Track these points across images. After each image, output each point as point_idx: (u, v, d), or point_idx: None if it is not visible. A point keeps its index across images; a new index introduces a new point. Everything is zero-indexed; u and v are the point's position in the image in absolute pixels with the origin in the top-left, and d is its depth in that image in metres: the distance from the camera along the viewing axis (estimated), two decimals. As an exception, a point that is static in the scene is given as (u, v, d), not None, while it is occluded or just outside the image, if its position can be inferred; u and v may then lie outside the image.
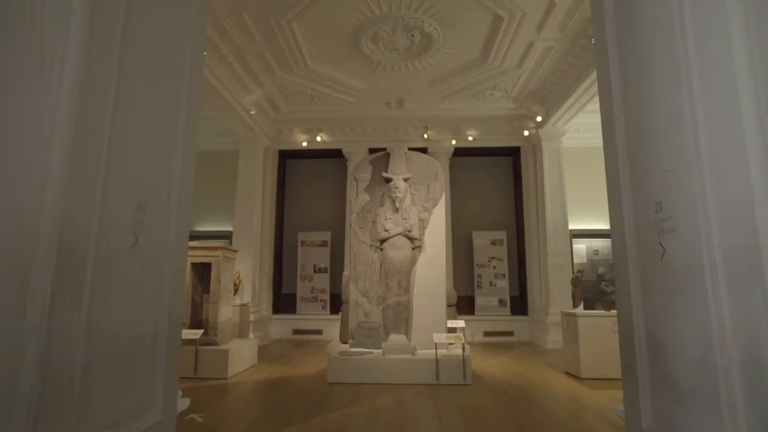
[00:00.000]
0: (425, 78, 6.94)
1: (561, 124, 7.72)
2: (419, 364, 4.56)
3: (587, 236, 8.68)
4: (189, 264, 5.20)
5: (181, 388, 4.34)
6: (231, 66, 6.34)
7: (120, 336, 1.52)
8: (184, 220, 2.00)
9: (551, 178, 7.86)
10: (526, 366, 5.63)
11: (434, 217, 5.26)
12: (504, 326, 8.16)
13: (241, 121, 7.46)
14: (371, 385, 4.41)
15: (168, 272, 1.83)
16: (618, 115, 1.82)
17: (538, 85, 7.15)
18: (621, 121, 1.82)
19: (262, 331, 7.75)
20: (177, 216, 1.92)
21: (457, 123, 8.34)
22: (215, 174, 9.23)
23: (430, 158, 5.54)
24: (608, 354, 4.72)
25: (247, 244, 7.68)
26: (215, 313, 5.08)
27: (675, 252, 1.47)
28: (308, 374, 5.08)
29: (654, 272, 1.60)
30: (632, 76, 1.76)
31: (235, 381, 4.69)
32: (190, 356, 4.73)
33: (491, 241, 8.69)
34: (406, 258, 5.02)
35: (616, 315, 1.86)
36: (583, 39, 5.67)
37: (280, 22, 5.48)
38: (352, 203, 5.35)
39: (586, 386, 4.49)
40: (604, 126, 1.97)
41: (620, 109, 1.83)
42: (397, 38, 5.81)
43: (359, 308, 5.01)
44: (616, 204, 1.86)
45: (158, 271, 1.77)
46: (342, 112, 8.11)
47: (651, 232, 1.60)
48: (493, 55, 6.24)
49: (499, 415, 3.56)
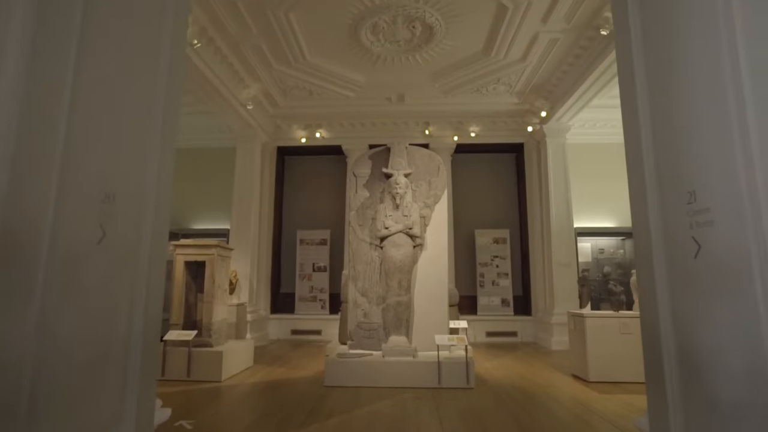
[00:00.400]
0: (427, 71, 6.76)
1: (566, 119, 7.53)
2: (420, 367, 4.39)
3: (592, 234, 8.50)
4: (182, 263, 5.03)
5: (173, 392, 4.19)
6: (226, 59, 6.16)
7: (83, 342, 1.35)
8: (163, 213, 1.82)
9: (555, 175, 7.67)
10: (530, 368, 5.45)
11: (436, 214, 5.08)
12: (507, 326, 7.99)
13: (238, 117, 7.28)
14: (370, 389, 4.23)
15: (144, 269, 1.65)
16: (642, 99, 1.64)
17: (543, 79, 6.96)
18: (645, 105, 1.64)
19: (259, 332, 7.59)
20: (155, 208, 1.74)
21: (459, 118, 8.15)
22: (212, 171, 9.07)
23: (432, 153, 5.36)
24: (617, 356, 4.55)
25: (245, 242, 7.52)
26: (209, 314, 4.91)
27: (713, 248, 1.30)
28: (306, 376, 4.91)
29: (685, 271, 1.42)
30: (660, 58, 1.59)
31: (229, 384, 4.52)
32: (182, 358, 4.57)
33: (494, 239, 8.51)
34: (407, 256, 4.84)
35: (638, 318, 1.68)
36: (589, 30, 5.48)
37: (277, 12, 5.29)
38: (351, 200, 5.17)
39: (594, 390, 4.31)
40: (626, 110, 1.80)
41: (644, 93, 1.65)
42: (397, 29, 5.62)
43: (358, 308, 4.83)
44: (638, 195, 1.68)
45: (132, 268, 1.60)
46: (341, 107, 7.92)
47: (682, 226, 1.42)
48: (496, 48, 6.05)
49: (503, 420, 3.39)
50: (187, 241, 5.27)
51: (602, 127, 8.40)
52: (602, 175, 8.59)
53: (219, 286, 5.11)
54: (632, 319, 4.67)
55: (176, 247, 5.11)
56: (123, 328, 1.53)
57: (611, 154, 8.68)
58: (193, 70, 5.68)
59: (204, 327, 4.88)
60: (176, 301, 4.96)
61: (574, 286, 7.14)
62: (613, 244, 8.67)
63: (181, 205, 9.17)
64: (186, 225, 9.06)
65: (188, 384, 4.42)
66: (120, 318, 1.53)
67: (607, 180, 8.58)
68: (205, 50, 5.66)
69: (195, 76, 5.83)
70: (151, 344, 1.70)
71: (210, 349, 4.74)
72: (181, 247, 5.09)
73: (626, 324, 4.64)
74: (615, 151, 8.67)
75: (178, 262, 5.04)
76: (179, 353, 4.59)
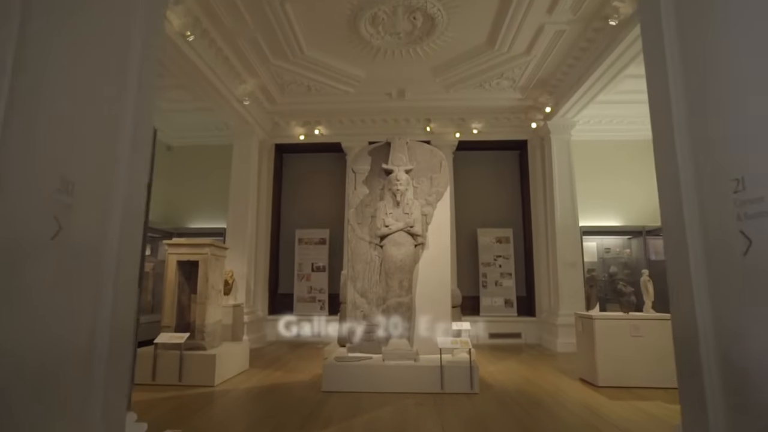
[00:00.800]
0: (428, 65, 6.56)
1: (571, 115, 7.33)
2: (422, 371, 4.20)
3: (598, 233, 8.30)
4: (175, 262, 4.84)
5: (162, 397, 3.99)
6: (221, 52, 5.97)
7: (32, 352, 1.15)
8: (136, 206, 1.63)
9: (560, 173, 7.47)
10: (536, 371, 5.26)
11: (438, 212, 4.88)
12: (510, 328, 7.79)
13: (235, 113, 7.10)
14: (370, 394, 4.04)
15: (111, 268, 1.46)
16: (674, 82, 1.45)
17: (548, 74, 6.76)
18: (677, 85, 1.45)
19: (257, 333, 7.40)
20: (127, 200, 1.55)
21: (461, 115, 7.96)
22: (208, 169, 8.90)
23: (434, 149, 5.16)
24: (628, 360, 4.36)
25: (241, 241, 7.33)
26: (203, 315, 4.72)
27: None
28: (303, 381, 4.72)
29: (731, 270, 1.23)
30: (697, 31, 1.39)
31: (222, 389, 4.33)
32: (174, 362, 4.38)
33: (497, 238, 8.32)
34: (408, 256, 4.65)
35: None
36: (597, 21, 5.28)
37: (273, 2, 5.10)
38: (350, 197, 4.97)
39: (603, 395, 4.12)
40: (653, 91, 1.60)
41: (677, 72, 1.46)
42: (398, 21, 5.43)
43: (357, 310, 4.64)
44: (669, 185, 1.48)
45: (96, 266, 1.40)
46: (341, 103, 7.73)
47: (726, 219, 1.23)
48: (500, 40, 5.85)
49: (510, 428, 3.20)
50: (179, 240, 5.08)
51: (608, 124, 8.21)
52: (608, 172, 8.41)
53: (213, 287, 4.92)
54: (643, 321, 4.47)
55: (169, 246, 4.92)
56: (84, 336, 1.34)
57: (617, 151, 8.52)
58: (186, 64, 5.50)
59: (197, 329, 4.70)
60: (168, 303, 4.77)
61: (580, 286, 6.95)
62: (620, 243, 8.47)
63: (176, 204, 8.99)
64: (182, 224, 8.88)
65: (179, 389, 4.23)
66: (80, 324, 1.34)
67: (613, 177, 8.40)
68: (199, 43, 5.47)
69: (189, 69, 5.65)
70: (120, 351, 1.51)
71: (203, 352, 4.55)
72: (173, 246, 4.91)
73: (637, 326, 4.45)
74: (621, 148, 8.52)
75: (170, 262, 4.85)
76: (170, 357, 4.40)
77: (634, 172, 8.39)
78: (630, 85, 6.77)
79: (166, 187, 8.87)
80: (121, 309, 1.51)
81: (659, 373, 4.23)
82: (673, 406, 3.70)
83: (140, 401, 3.79)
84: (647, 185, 8.28)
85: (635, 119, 8.11)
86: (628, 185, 8.37)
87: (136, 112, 1.61)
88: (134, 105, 1.61)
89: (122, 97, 1.56)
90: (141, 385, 4.24)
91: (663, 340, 4.29)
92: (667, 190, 1.49)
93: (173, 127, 8.67)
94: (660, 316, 4.53)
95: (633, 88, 6.91)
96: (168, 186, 8.90)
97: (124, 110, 1.57)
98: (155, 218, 8.55)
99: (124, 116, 1.57)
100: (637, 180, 8.35)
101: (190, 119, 8.35)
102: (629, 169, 8.41)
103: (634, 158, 8.43)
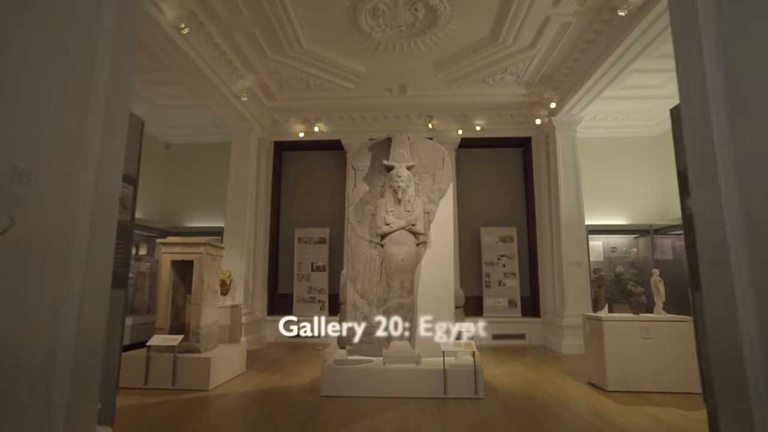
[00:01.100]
0: (430, 60, 6.40)
1: (576, 111, 7.16)
2: (424, 375, 4.03)
3: (604, 232, 8.12)
4: (169, 262, 4.70)
5: (155, 402, 3.83)
6: (218, 46, 5.82)
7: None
8: (109, 198, 1.47)
9: (565, 170, 7.30)
10: (542, 374, 5.09)
11: (441, 210, 4.72)
12: (514, 329, 7.62)
13: (233, 110, 6.95)
14: (370, 399, 3.88)
15: (78, 267, 1.30)
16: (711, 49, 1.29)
17: (553, 68, 6.58)
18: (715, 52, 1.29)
19: (255, 334, 7.25)
20: (97, 192, 1.39)
21: (464, 111, 7.79)
22: (206, 167, 8.75)
23: (436, 144, 4.99)
24: (638, 363, 4.19)
25: (240, 240, 7.18)
26: (197, 317, 4.56)
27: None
28: (301, 384, 4.56)
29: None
30: None
31: (217, 393, 4.17)
32: (167, 365, 4.23)
33: (500, 237, 8.15)
34: (410, 255, 4.49)
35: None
36: (605, 12, 5.10)
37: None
38: (350, 194, 4.81)
39: (612, 400, 3.95)
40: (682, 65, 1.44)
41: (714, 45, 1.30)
42: (399, 13, 5.27)
43: (357, 311, 4.47)
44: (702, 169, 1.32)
45: (58, 265, 1.25)
46: (341, 99, 7.57)
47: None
48: (504, 33, 5.69)
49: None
50: (173, 239, 4.93)
51: (614, 120, 8.04)
52: (614, 170, 8.23)
53: (209, 287, 4.76)
54: (654, 323, 4.30)
55: (162, 246, 4.77)
56: (40, 348, 1.19)
57: (623, 147, 8.34)
58: (182, 58, 5.35)
59: (192, 331, 4.54)
60: (162, 304, 4.62)
61: (586, 286, 6.77)
62: (626, 242, 8.28)
63: (174, 202, 8.85)
64: (180, 223, 8.73)
65: (173, 393, 4.08)
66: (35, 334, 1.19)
67: (619, 175, 8.23)
68: (195, 36, 5.32)
69: (184, 64, 5.50)
70: (88, 359, 1.35)
71: (197, 355, 4.40)
72: (167, 245, 4.76)
73: (647, 328, 4.28)
74: (627, 145, 8.34)
75: (164, 262, 4.70)
76: (164, 359, 4.25)
77: (640, 170, 8.22)
78: (637, 80, 6.61)
79: (164, 185, 8.73)
80: (90, 312, 1.35)
81: (671, 377, 4.07)
82: (686, 412, 3.54)
83: (131, 406, 3.65)
84: (654, 183, 8.11)
85: (642, 115, 7.94)
86: (635, 183, 8.20)
87: (110, 81, 1.45)
88: (108, 73, 1.44)
89: (91, 72, 1.40)
90: (132, 389, 4.09)
91: (675, 343, 4.12)
92: (701, 174, 1.33)
93: (170, 124, 8.53)
94: (672, 317, 4.36)
95: (640, 83, 6.76)
96: (165, 184, 8.76)
97: (92, 80, 1.40)
98: (152, 217, 8.41)
99: (92, 87, 1.40)
100: (643, 178, 8.18)
101: (187, 116, 8.21)
102: (636, 167, 8.23)
103: (640, 155, 8.26)
